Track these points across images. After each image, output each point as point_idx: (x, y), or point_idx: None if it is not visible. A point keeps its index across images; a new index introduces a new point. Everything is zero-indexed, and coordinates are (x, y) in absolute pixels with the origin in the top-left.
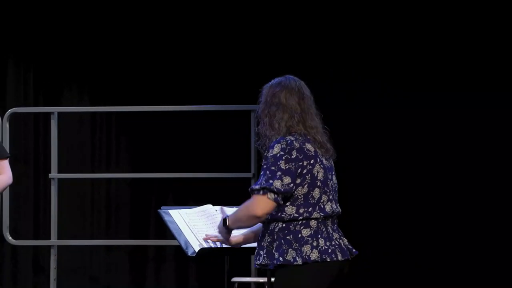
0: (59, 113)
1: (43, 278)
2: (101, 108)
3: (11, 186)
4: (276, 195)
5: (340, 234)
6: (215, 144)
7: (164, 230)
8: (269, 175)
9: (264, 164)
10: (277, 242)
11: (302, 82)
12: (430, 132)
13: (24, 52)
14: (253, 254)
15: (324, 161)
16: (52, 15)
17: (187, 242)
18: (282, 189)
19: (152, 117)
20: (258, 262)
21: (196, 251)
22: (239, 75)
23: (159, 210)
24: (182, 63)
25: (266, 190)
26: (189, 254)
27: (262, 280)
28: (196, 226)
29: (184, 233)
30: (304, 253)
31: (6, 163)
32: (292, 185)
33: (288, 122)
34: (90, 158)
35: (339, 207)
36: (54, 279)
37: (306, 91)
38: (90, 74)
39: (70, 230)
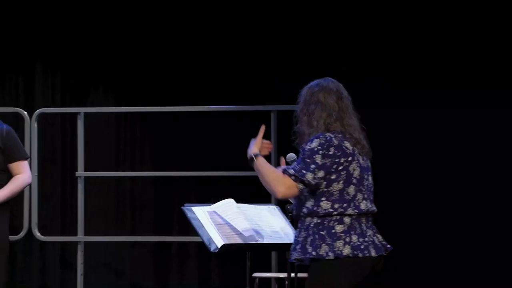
0: (85, 113)
1: (71, 273)
2: (125, 109)
3: (39, 184)
4: (304, 186)
5: (374, 231)
6: (236, 144)
7: (187, 226)
8: (304, 166)
9: (301, 154)
10: (311, 237)
11: (340, 84)
12: (429, 133)
13: (51, 55)
14: (274, 251)
15: (361, 161)
16: (78, 20)
17: (209, 238)
18: (313, 182)
19: (175, 117)
20: (293, 257)
21: (219, 247)
22: (254, 76)
23: (182, 207)
24: (204, 65)
25: (298, 179)
26: (211, 250)
27: (282, 276)
28: (216, 222)
29: (207, 229)
30: (337, 248)
31: (26, 163)
32: (323, 180)
33: (327, 120)
34: (115, 157)
35: (374, 207)
36: (81, 274)
37: (344, 92)
38: (115, 76)
39: (96, 226)
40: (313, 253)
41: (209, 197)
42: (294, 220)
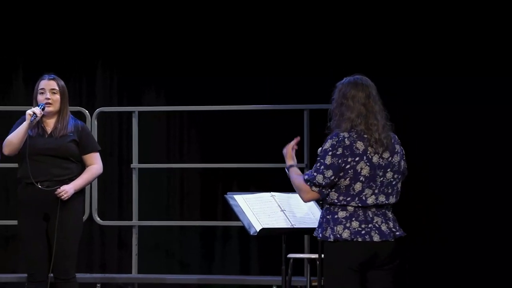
0: (139, 112)
1: (126, 254)
2: (175, 108)
3: (99, 175)
4: (319, 188)
5: (386, 218)
6: (274, 139)
7: (230, 212)
8: (317, 168)
9: (318, 155)
10: (321, 220)
11: (370, 82)
12: (431, 134)
13: (110, 59)
14: (306, 234)
15: (375, 159)
16: (133, 26)
17: (249, 223)
18: (323, 183)
19: (219, 115)
20: (314, 234)
21: (258, 230)
22: (289, 77)
23: (225, 195)
24: (244, 69)
25: (311, 183)
26: (251, 233)
27: (314, 256)
28: (255, 209)
29: (247, 215)
30: (336, 232)
31: (98, 155)
32: (333, 177)
33: (355, 121)
34: (165, 151)
35: (391, 199)
36: (136, 254)
37: (373, 90)
38: (166, 78)
39: (148, 212)
40: (320, 235)
41: (249, 186)
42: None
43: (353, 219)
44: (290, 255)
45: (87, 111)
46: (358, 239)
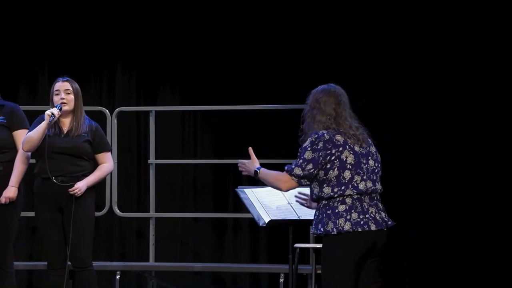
0: (156, 111)
1: (144, 243)
2: (189, 107)
3: (118, 170)
4: (298, 179)
5: (378, 208)
6: (281, 136)
7: (240, 205)
8: (296, 162)
9: (299, 152)
10: (321, 216)
11: (342, 90)
12: (433, 135)
13: (128, 60)
14: (311, 225)
15: (356, 148)
16: (150, 32)
17: (258, 215)
18: (302, 174)
19: (230, 113)
20: (311, 232)
21: (266, 222)
22: (293, 78)
23: (236, 189)
24: (253, 71)
25: (290, 173)
26: (260, 224)
27: (318, 246)
28: (263, 201)
29: (256, 207)
30: (339, 225)
31: (109, 154)
32: (312, 170)
33: (326, 123)
34: (180, 147)
35: (377, 185)
36: (153, 244)
37: (344, 98)
38: (180, 79)
39: (165, 204)
40: (322, 229)
41: (258, 181)
42: None
43: (352, 211)
44: (297, 245)
45: (107, 111)
46: (358, 229)
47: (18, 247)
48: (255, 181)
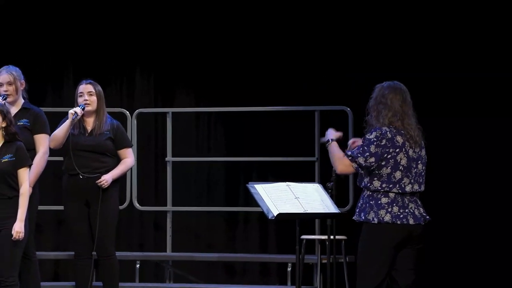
0: (173, 113)
1: (162, 235)
2: (204, 109)
3: (138, 167)
4: (358, 166)
5: (417, 204)
6: (289, 136)
7: (251, 199)
8: (360, 151)
9: (362, 141)
10: (364, 205)
11: (405, 88)
12: (436, 136)
13: (147, 66)
14: (316, 218)
15: (411, 152)
16: (167, 36)
17: (268, 208)
18: (363, 164)
19: (242, 114)
20: (354, 218)
21: (275, 215)
22: (304, 80)
23: (247, 185)
24: (264, 73)
25: (353, 160)
26: (269, 217)
27: (323, 237)
28: (272, 196)
29: (265, 201)
30: (380, 215)
31: (130, 150)
32: (373, 164)
33: (391, 118)
34: (195, 146)
35: (422, 187)
36: (170, 236)
37: (408, 96)
38: (195, 82)
39: (181, 199)
40: (363, 217)
41: (267, 177)
42: (332, 195)
43: (394, 204)
44: (303, 237)
45: (127, 112)
46: (397, 221)
47: (45, 239)
48: (265, 177)
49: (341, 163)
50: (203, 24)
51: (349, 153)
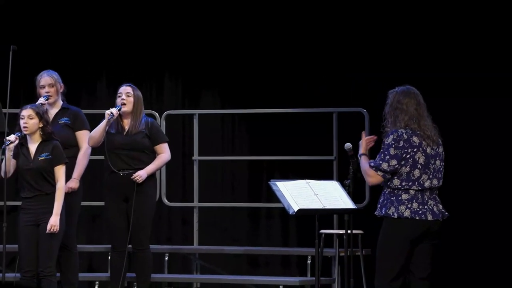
0: (199, 114)
1: (189, 229)
2: (228, 110)
3: (166, 165)
4: (383, 173)
5: (436, 201)
6: (309, 136)
7: (273, 196)
8: (382, 157)
9: (382, 147)
10: (385, 201)
11: (418, 91)
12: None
13: (175, 68)
14: (335, 214)
15: (428, 150)
16: (194, 41)
17: (289, 205)
18: (388, 169)
19: (265, 115)
20: (375, 213)
21: (295, 211)
22: (321, 83)
23: (269, 182)
24: (286, 76)
25: (377, 169)
26: (290, 213)
27: (341, 232)
28: (293, 193)
29: (286, 198)
30: (400, 211)
31: (166, 145)
32: (397, 166)
33: (407, 122)
34: (220, 145)
35: (440, 182)
36: (196, 230)
37: (421, 99)
38: (220, 85)
39: (207, 196)
40: (383, 212)
41: (288, 175)
42: (349, 192)
43: (414, 201)
44: (322, 231)
45: (157, 114)
46: (416, 217)
47: (81, 232)
48: (286, 175)
49: (368, 175)
50: (228, 32)
51: (372, 164)
